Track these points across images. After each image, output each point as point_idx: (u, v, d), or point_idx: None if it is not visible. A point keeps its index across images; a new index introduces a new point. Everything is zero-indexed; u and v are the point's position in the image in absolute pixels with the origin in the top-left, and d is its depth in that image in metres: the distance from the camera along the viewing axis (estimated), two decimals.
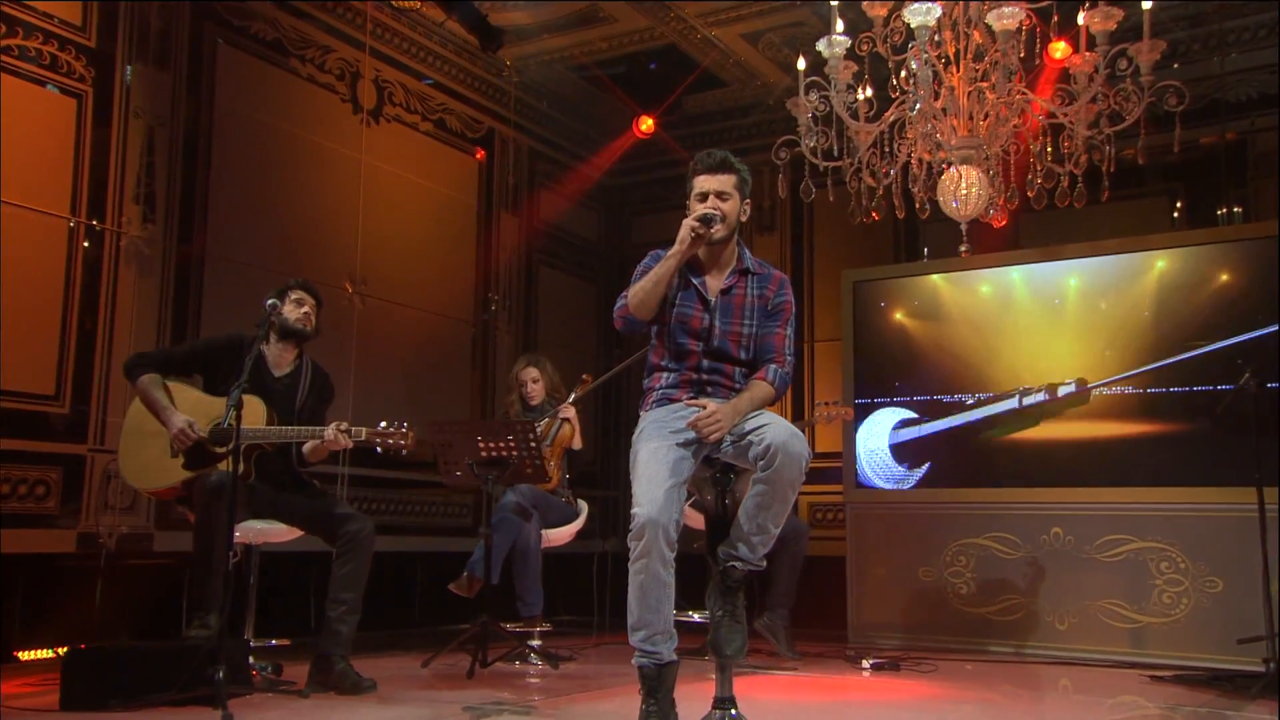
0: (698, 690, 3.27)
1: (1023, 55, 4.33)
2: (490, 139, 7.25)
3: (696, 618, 4.96)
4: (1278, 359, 5.01)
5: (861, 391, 6.28)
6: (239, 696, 3.49)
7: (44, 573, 4.65)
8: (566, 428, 5.20)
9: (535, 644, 4.83)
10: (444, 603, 4.95)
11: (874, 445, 6.24)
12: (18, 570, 4.53)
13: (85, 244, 4.90)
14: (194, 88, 5.42)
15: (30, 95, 4.74)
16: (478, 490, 4.92)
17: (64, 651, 3.74)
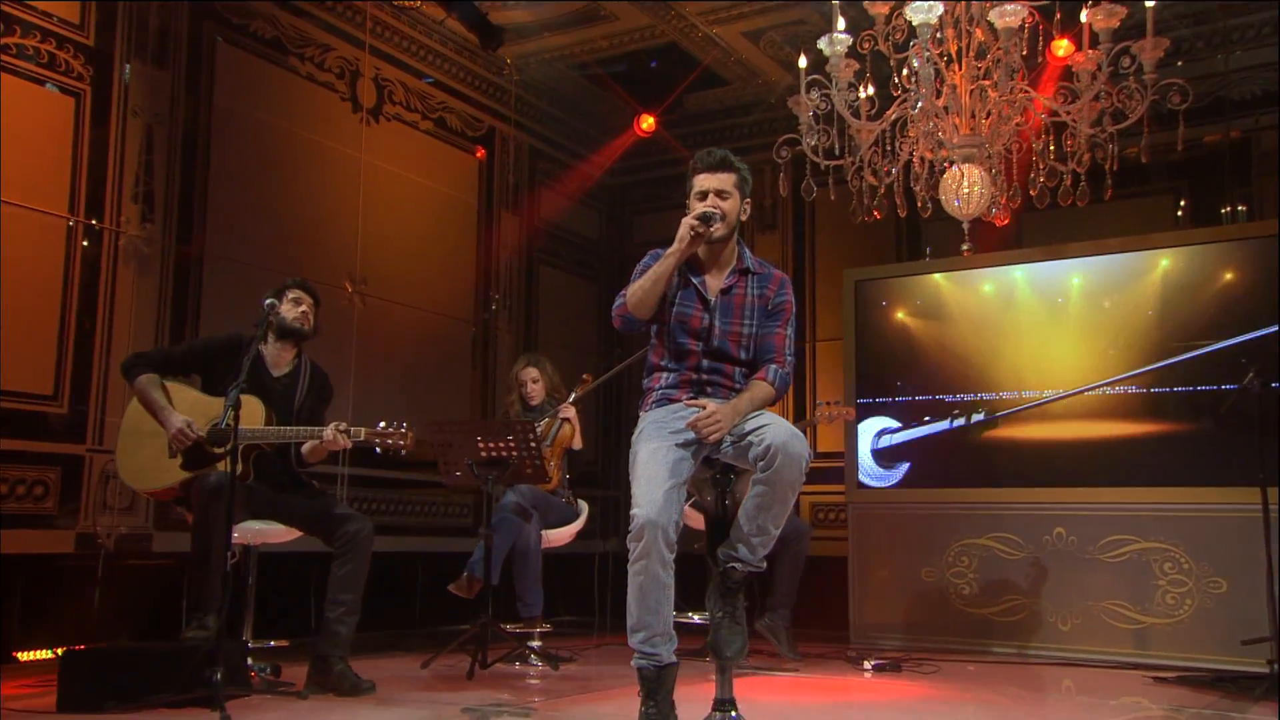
0: (698, 692, 3.26)
1: (1025, 53, 4.31)
2: (491, 138, 7.23)
3: (696, 619, 4.95)
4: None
5: (863, 391, 6.26)
6: (237, 698, 3.48)
7: (43, 573, 4.64)
8: (567, 428, 5.19)
9: (535, 645, 4.81)
10: (444, 603, 4.94)
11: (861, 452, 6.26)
12: (16, 571, 4.52)
13: (84, 243, 4.89)
14: (193, 86, 5.40)
15: (29, 94, 4.73)
16: (478, 490, 4.90)
17: (62, 652, 3.73)
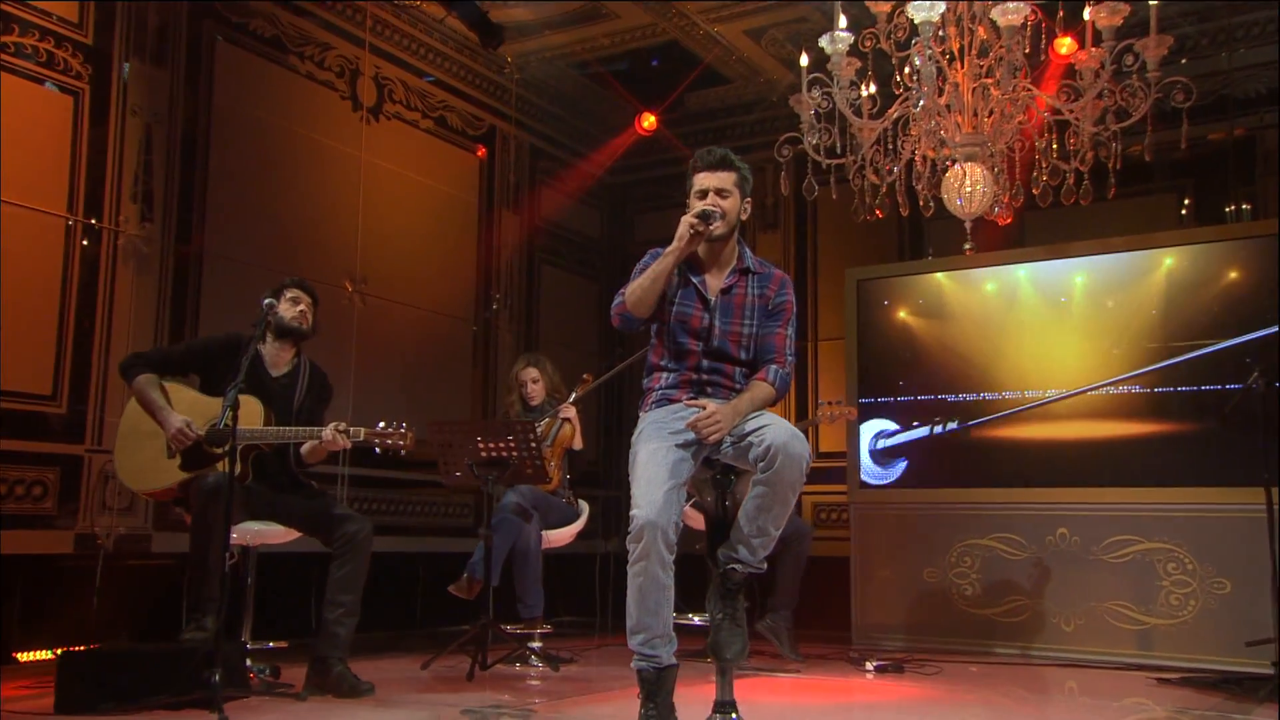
0: (698, 693, 3.24)
1: (1028, 51, 4.28)
2: (491, 136, 7.21)
3: (697, 620, 4.93)
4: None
5: (865, 391, 6.24)
6: (235, 700, 3.46)
7: (42, 574, 4.63)
8: (567, 428, 5.17)
9: (536, 646, 4.79)
10: (445, 604, 4.92)
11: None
12: (16, 571, 4.51)
13: (83, 242, 4.88)
14: (192, 85, 5.38)
15: (27, 93, 4.71)
16: (478, 490, 4.88)
17: (60, 654, 3.72)
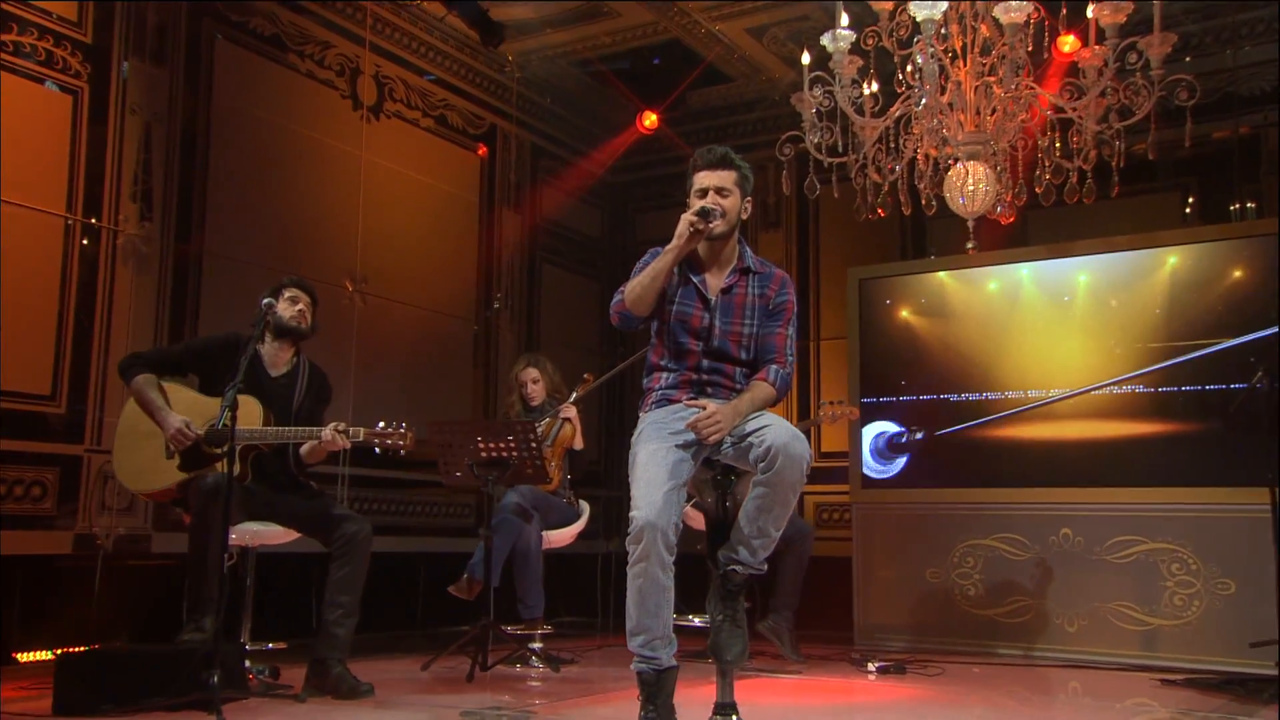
0: (699, 695, 3.22)
1: (1030, 49, 4.26)
2: (492, 135, 7.20)
3: (697, 622, 4.90)
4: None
5: (867, 390, 6.21)
6: (234, 701, 3.45)
7: (41, 574, 4.62)
8: (568, 428, 5.14)
9: (536, 647, 4.78)
10: (446, 604, 4.90)
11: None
12: (15, 572, 4.50)
13: (83, 242, 4.86)
14: (191, 84, 5.36)
15: (26, 92, 4.70)
16: (479, 490, 4.87)
17: (58, 655, 3.71)
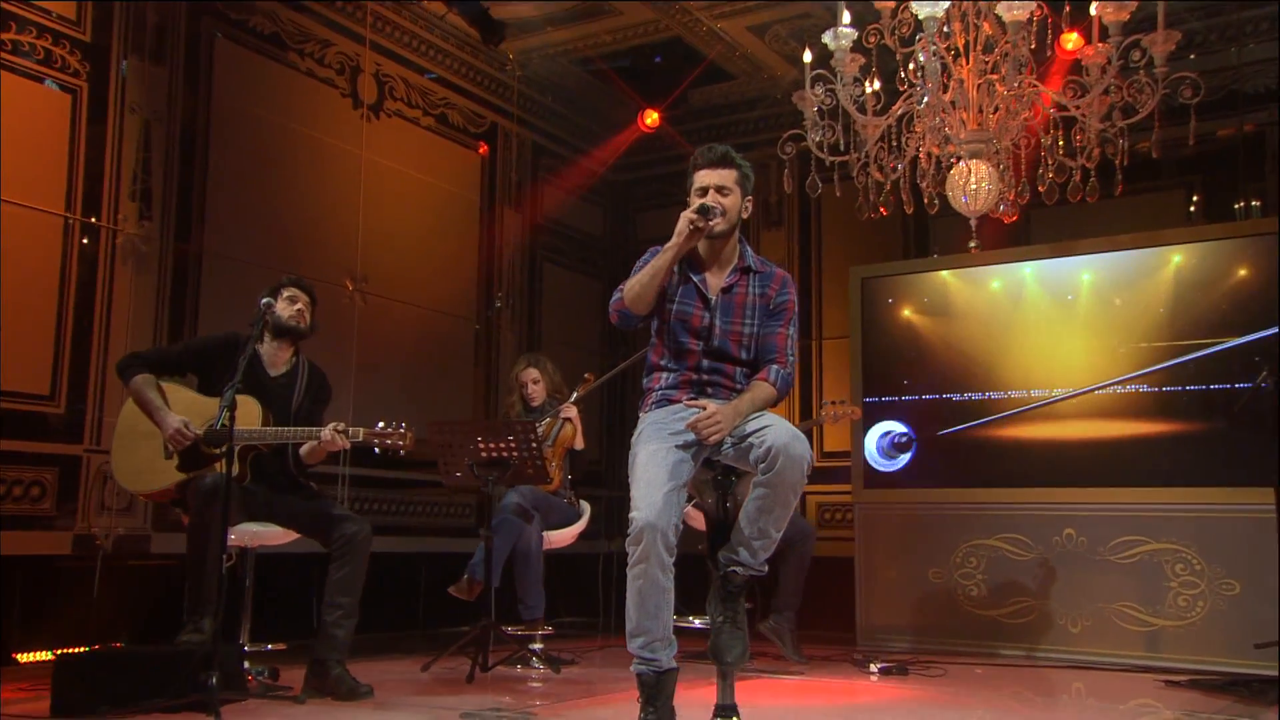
0: (699, 696, 3.21)
1: (1033, 47, 4.23)
2: (493, 134, 7.18)
3: (697, 623, 4.88)
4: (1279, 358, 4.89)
5: (870, 390, 6.19)
6: (233, 702, 3.43)
7: (41, 574, 4.61)
8: (568, 428, 5.12)
9: (537, 647, 4.76)
10: (447, 604, 4.88)
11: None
12: (14, 572, 4.49)
13: (82, 241, 4.85)
14: (191, 83, 5.35)
15: (25, 91, 4.68)
16: (479, 490, 4.85)
17: (56, 656, 3.69)
